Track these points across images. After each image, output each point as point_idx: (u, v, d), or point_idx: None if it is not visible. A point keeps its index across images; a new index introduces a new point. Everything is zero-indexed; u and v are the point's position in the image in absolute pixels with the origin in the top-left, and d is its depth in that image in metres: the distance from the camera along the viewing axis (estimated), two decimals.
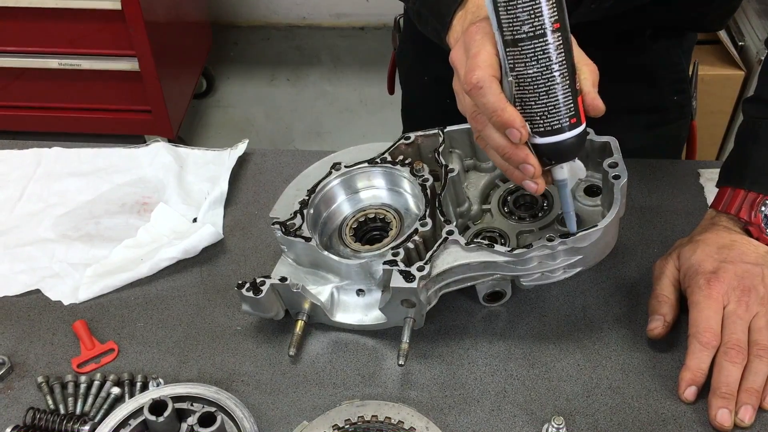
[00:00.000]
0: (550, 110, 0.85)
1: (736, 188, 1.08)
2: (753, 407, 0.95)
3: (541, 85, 0.84)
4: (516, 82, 0.85)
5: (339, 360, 1.06)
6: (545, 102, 0.85)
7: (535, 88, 0.84)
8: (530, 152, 0.87)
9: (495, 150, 0.89)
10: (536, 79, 0.84)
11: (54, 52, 2.81)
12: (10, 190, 1.31)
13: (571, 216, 0.96)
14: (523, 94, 0.85)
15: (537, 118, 0.86)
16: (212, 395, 0.97)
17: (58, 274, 1.17)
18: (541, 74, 0.84)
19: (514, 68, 0.84)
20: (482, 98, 0.84)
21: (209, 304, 1.13)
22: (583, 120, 0.88)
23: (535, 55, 0.83)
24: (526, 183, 0.89)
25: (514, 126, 0.84)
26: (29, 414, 0.98)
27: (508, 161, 0.88)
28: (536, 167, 0.87)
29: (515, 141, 0.86)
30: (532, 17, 0.82)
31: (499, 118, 0.84)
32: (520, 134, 0.85)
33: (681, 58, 1.36)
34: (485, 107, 0.85)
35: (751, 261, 1.02)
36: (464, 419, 0.98)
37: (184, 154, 1.36)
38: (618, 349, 1.05)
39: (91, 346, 1.07)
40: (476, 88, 0.84)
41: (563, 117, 0.86)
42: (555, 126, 0.86)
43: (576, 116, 0.87)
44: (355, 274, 1.05)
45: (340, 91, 3.54)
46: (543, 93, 0.84)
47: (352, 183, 1.14)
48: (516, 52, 0.84)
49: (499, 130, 0.86)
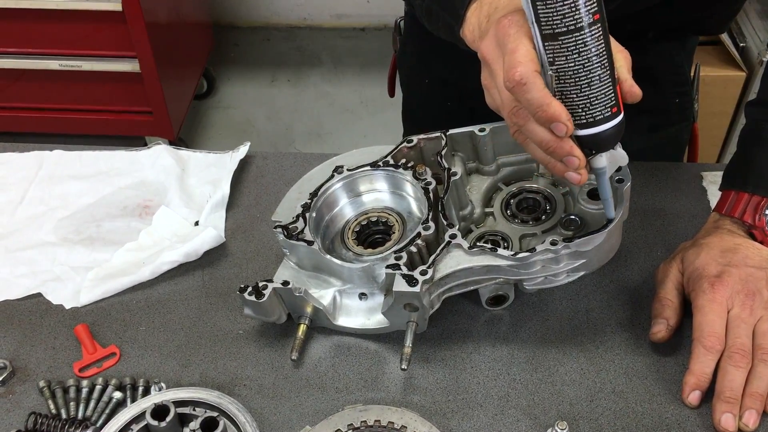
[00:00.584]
0: (591, 102, 0.84)
1: (739, 191, 1.08)
2: (757, 412, 0.94)
3: (582, 77, 0.83)
4: (556, 76, 0.83)
5: (341, 364, 1.05)
6: (587, 94, 0.84)
7: (577, 80, 0.83)
8: (574, 144, 0.86)
9: (538, 144, 0.87)
10: (578, 72, 0.83)
11: (54, 53, 2.81)
12: (11, 193, 1.31)
13: (609, 203, 0.96)
14: (564, 87, 0.84)
15: (579, 110, 0.85)
16: (214, 400, 0.97)
17: (59, 277, 1.17)
18: (583, 66, 0.83)
19: (554, 62, 0.83)
20: (526, 94, 0.83)
21: (211, 308, 1.13)
22: (622, 108, 0.87)
23: (576, 48, 0.82)
24: (570, 175, 0.88)
25: (561, 120, 0.83)
26: (31, 419, 0.98)
27: (552, 155, 0.87)
28: (581, 159, 0.87)
29: (560, 135, 0.84)
30: (572, 10, 0.80)
31: (545, 114, 0.83)
32: (567, 128, 0.84)
33: (683, 60, 1.35)
34: (530, 103, 0.83)
35: (755, 264, 1.01)
36: (467, 424, 0.98)
37: (186, 157, 1.35)
38: (621, 353, 1.05)
39: (93, 350, 1.07)
40: (519, 85, 0.83)
41: (605, 108, 0.85)
42: (597, 117, 0.85)
43: (616, 105, 0.86)
44: (357, 278, 1.05)
45: (341, 92, 3.54)
46: (585, 85, 0.83)
47: (355, 186, 1.13)
48: (556, 46, 0.82)
49: (544, 125, 0.85)
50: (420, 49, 1.45)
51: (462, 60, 1.32)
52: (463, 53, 0.99)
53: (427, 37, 1.40)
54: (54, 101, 2.96)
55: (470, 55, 0.95)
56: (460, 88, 1.38)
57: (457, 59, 1.32)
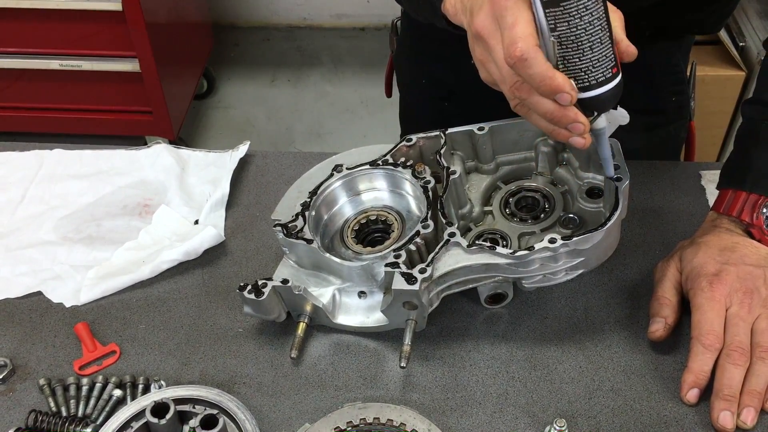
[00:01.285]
0: (594, 64, 0.85)
1: (737, 190, 1.08)
2: (755, 409, 0.95)
3: (584, 41, 0.83)
4: (558, 42, 0.84)
5: (341, 362, 1.06)
6: (589, 57, 0.84)
7: (579, 45, 0.84)
8: (578, 111, 0.87)
9: (542, 115, 0.88)
10: (580, 36, 0.83)
11: (55, 53, 2.81)
12: (11, 193, 1.31)
13: (609, 162, 0.97)
14: (566, 52, 0.84)
15: (581, 73, 0.85)
16: (214, 397, 0.97)
17: (59, 276, 1.17)
18: (585, 30, 0.83)
19: (556, 28, 0.83)
20: (529, 69, 0.83)
21: (211, 306, 1.13)
22: (620, 67, 0.88)
23: (578, 12, 0.82)
24: (574, 140, 0.89)
25: (565, 90, 0.84)
26: (31, 416, 0.98)
27: (557, 123, 0.88)
28: (585, 124, 0.87)
29: (565, 104, 0.85)
30: None
31: (548, 86, 0.83)
32: (571, 96, 0.84)
33: (679, 59, 1.36)
34: (532, 78, 0.84)
35: (753, 263, 1.02)
36: (466, 421, 0.98)
37: (186, 156, 1.36)
38: (620, 351, 1.05)
39: (93, 348, 1.07)
40: (521, 60, 0.83)
41: (606, 69, 0.86)
42: (600, 79, 0.86)
43: (616, 65, 0.87)
44: (356, 276, 1.05)
45: (341, 92, 3.54)
46: (587, 48, 0.84)
47: (354, 185, 1.14)
48: (558, 12, 0.82)
49: (548, 96, 0.85)
50: (416, 49, 1.45)
51: (458, 61, 1.32)
52: (459, 53, 0.99)
53: (423, 38, 1.41)
54: (54, 101, 2.96)
55: (466, 56, 0.94)
56: (456, 88, 1.39)
57: (454, 60, 1.33)
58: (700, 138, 1.51)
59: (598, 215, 1.06)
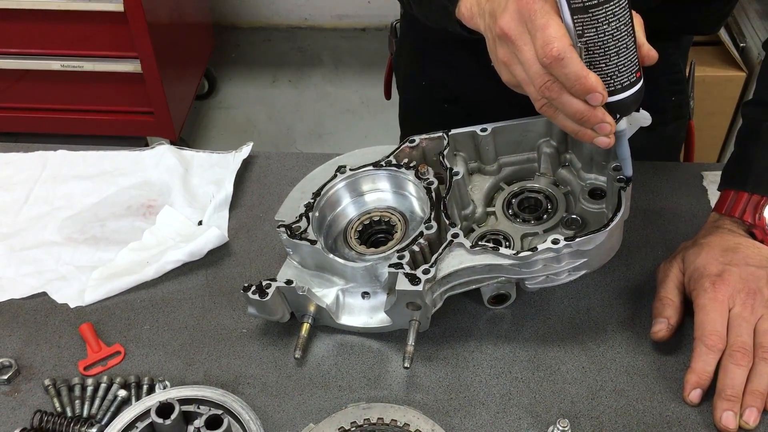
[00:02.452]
0: (620, 69, 0.86)
1: (739, 191, 1.08)
2: (758, 410, 0.95)
3: (611, 47, 0.85)
4: (585, 48, 0.85)
5: (344, 362, 1.06)
6: (615, 63, 0.86)
7: (606, 51, 0.85)
8: (605, 111, 0.88)
9: (571, 115, 0.89)
10: (607, 42, 0.84)
11: (56, 54, 2.81)
12: (16, 193, 1.31)
13: (628, 162, 0.99)
14: (593, 58, 0.86)
15: (608, 78, 0.87)
16: (218, 398, 0.97)
17: (64, 276, 1.17)
18: (612, 36, 0.84)
19: (584, 34, 0.84)
20: (564, 69, 0.84)
21: (215, 307, 1.13)
22: (642, 71, 0.89)
23: (606, 18, 0.83)
24: (600, 140, 0.91)
25: (597, 90, 0.85)
26: (36, 417, 0.98)
27: (584, 124, 0.90)
28: (612, 124, 0.89)
29: (595, 104, 0.87)
30: None
31: (582, 86, 0.85)
32: (603, 96, 0.86)
33: (678, 58, 1.36)
34: (567, 77, 0.85)
35: (756, 264, 1.02)
36: (469, 422, 0.99)
37: (189, 157, 1.36)
38: (623, 351, 1.05)
39: (98, 349, 1.08)
40: (557, 60, 0.84)
41: (631, 74, 0.87)
42: (624, 83, 0.88)
43: (639, 70, 0.88)
44: (360, 277, 1.06)
45: (342, 93, 3.54)
46: (613, 54, 0.85)
47: (357, 186, 1.14)
48: (586, 19, 0.83)
49: (580, 96, 0.87)
50: (415, 51, 1.45)
51: (457, 62, 1.32)
52: (458, 56, 0.99)
53: (423, 40, 1.41)
54: (55, 102, 2.96)
55: (465, 58, 0.94)
56: (455, 90, 1.39)
57: (453, 61, 1.33)
58: (700, 139, 1.51)
59: (600, 216, 1.07)
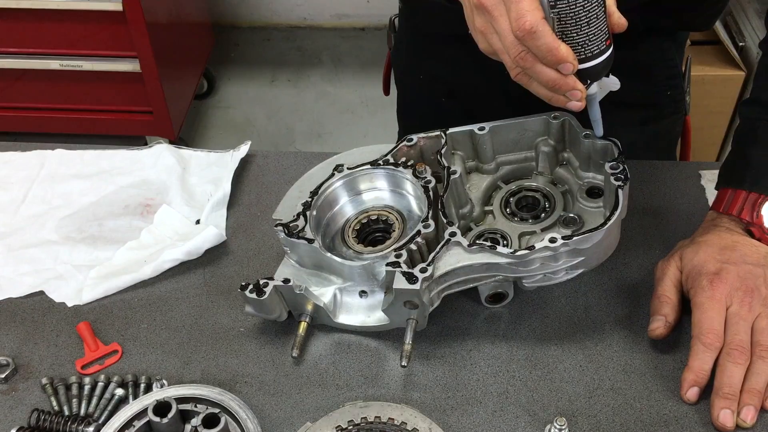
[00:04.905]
0: (590, 38, 0.90)
1: (736, 189, 1.08)
2: (755, 408, 0.95)
3: (582, 17, 0.88)
4: (557, 18, 0.88)
5: (342, 361, 1.06)
6: (586, 32, 0.90)
7: (577, 21, 0.88)
8: (576, 79, 0.92)
9: (544, 83, 0.93)
10: (578, 13, 0.88)
11: (55, 53, 2.81)
12: (13, 192, 1.31)
13: (599, 123, 1.02)
14: (565, 27, 0.89)
15: (578, 47, 0.90)
16: (216, 396, 0.97)
17: (61, 275, 1.17)
18: (583, 8, 0.87)
19: (556, 5, 0.87)
20: (536, 41, 0.88)
21: (212, 306, 1.13)
22: (612, 39, 0.93)
23: None
24: (571, 104, 0.95)
25: (568, 60, 0.89)
26: (34, 415, 0.98)
27: (556, 91, 0.93)
28: (583, 91, 0.93)
29: (567, 73, 0.91)
30: None
31: (554, 57, 0.89)
32: (573, 66, 0.90)
33: (674, 53, 1.36)
34: (539, 48, 0.88)
35: (753, 262, 1.02)
36: (467, 420, 0.99)
37: (187, 156, 1.36)
38: (620, 350, 1.05)
39: (95, 348, 1.08)
40: (530, 33, 0.87)
41: (601, 42, 0.91)
42: (595, 51, 0.91)
43: (609, 38, 0.92)
44: (357, 276, 1.06)
45: (341, 92, 3.54)
46: (584, 24, 0.89)
47: (355, 185, 1.14)
48: None
49: (552, 66, 0.90)
50: (414, 45, 1.46)
51: (454, 57, 1.33)
52: (456, 50, 1.00)
53: (420, 34, 1.41)
54: (54, 101, 2.96)
55: (462, 52, 0.95)
56: (452, 85, 1.39)
57: (450, 56, 1.33)
58: (700, 138, 1.51)
59: (598, 215, 1.07)
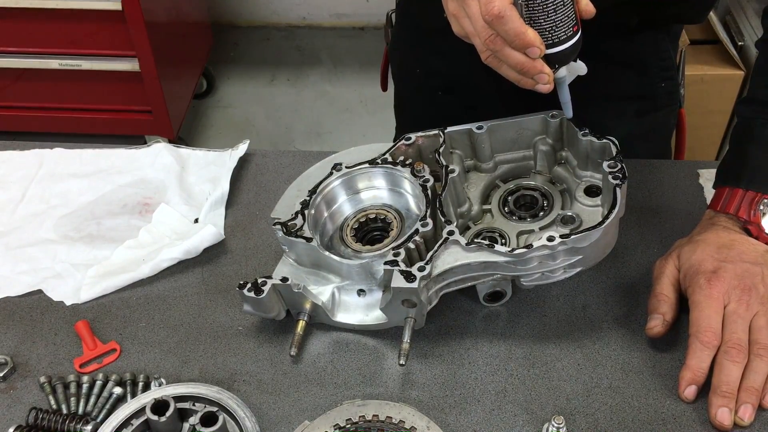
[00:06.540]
0: (557, 24, 0.93)
1: (734, 188, 1.09)
2: (753, 406, 0.95)
3: (549, 3, 0.91)
4: (525, 5, 0.91)
5: (340, 360, 1.06)
6: (553, 18, 0.92)
7: (545, 7, 0.91)
8: (544, 63, 0.95)
9: (513, 66, 0.96)
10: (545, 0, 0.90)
11: (54, 53, 2.81)
12: (11, 192, 1.31)
13: (568, 105, 1.04)
14: (532, 14, 0.92)
15: (546, 32, 0.93)
16: (214, 395, 0.98)
17: (60, 274, 1.17)
18: None
19: None
20: (505, 26, 0.91)
21: (211, 305, 1.14)
22: (580, 25, 0.95)
23: None
24: (539, 87, 0.97)
25: (535, 45, 0.92)
26: (32, 414, 0.98)
27: (525, 74, 0.96)
28: (550, 74, 0.96)
29: (534, 57, 0.93)
30: None
31: (521, 41, 0.92)
32: (540, 50, 0.93)
33: (668, 45, 1.36)
34: (507, 33, 0.91)
35: (751, 260, 1.02)
36: (465, 419, 0.99)
37: (186, 155, 1.36)
38: (618, 348, 1.05)
39: (93, 346, 1.08)
40: (498, 18, 0.90)
41: (568, 28, 0.94)
42: (562, 37, 0.94)
43: (577, 24, 0.94)
44: (356, 275, 1.06)
45: (340, 92, 3.54)
46: (551, 11, 0.92)
47: (353, 183, 1.14)
48: None
49: (520, 50, 0.93)
50: (411, 40, 1.46)
51: (451, 51, 1.33)
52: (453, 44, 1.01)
53: (417, 28, 1.42)
54: (54, 101, 2.96)
55: (459, 47, 0.96)
56: (449, 79, 1.40)
57: (447, 50, 1.33)
58: (698, 137, 1.52)
59: (596, 213, 1.07)
